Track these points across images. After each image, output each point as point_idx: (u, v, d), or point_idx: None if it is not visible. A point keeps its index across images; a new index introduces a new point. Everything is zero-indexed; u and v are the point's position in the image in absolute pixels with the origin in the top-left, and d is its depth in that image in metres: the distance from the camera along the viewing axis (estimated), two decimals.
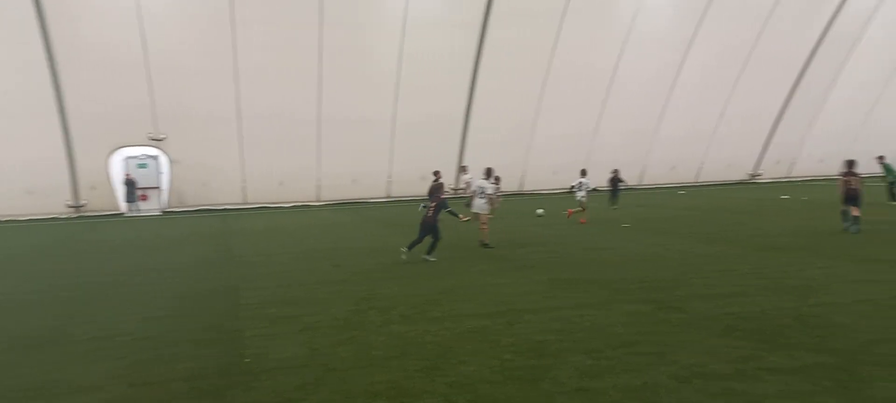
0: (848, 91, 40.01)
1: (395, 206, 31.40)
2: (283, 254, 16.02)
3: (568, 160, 36.98)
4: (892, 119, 41.65)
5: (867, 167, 39.16)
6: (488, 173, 16.98)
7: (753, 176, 41.74)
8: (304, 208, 32.26)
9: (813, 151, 41.88)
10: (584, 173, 22.35)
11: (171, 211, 31.45)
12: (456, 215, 14.58)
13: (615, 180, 27.34)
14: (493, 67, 33.23)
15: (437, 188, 15.08)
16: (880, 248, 13.53)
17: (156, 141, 30.87)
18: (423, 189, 35.16)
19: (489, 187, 16.31)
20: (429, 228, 14.09)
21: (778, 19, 36.01)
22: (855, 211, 16.51)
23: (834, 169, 43.37)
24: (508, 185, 36.46)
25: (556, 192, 34.53)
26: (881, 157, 24.66)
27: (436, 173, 23.22)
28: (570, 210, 21.92)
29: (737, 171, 41.33)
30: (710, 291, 9.95)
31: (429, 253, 14.00)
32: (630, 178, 38.87)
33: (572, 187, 22.10)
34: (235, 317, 9.42)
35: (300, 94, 31.62)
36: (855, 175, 17.11)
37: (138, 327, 9.05)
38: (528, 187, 36.50)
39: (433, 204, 14.30)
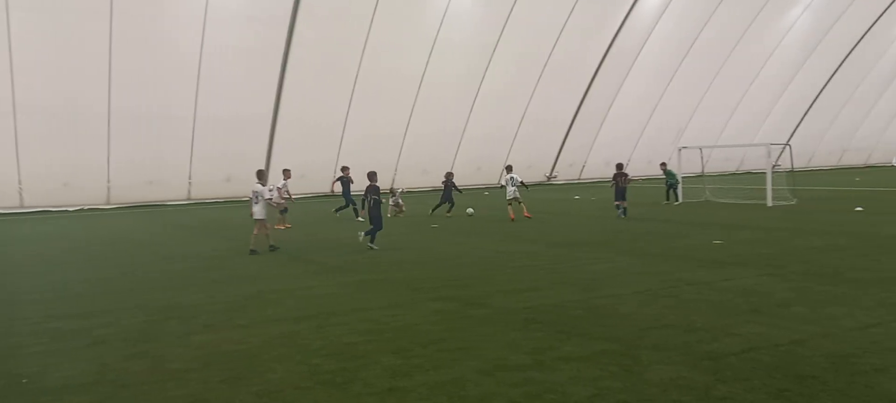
0: (628, 101, 44.07)
1: (197, 209, 29.84)
2: (69, 263, 14.62)
3: (379, 160, 37.26)
4: (665, 126, 46.43)
5: (648, 170, 43.34)
6: (260, 176, 16.41)
7: (550, 177, 44.65)
8: (93, 212, 29.67)
9: (600, 155, 45.62)
10: (509, 169, 22.54)
11: None
12: (380, 203, 15.56)
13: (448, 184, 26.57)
14: (302, 66, 32.68)
15: (372, 175, 15.70)
16: (655, 243, 15.03)
17: None
18: (227, 191, 33.81)
19: (266, 192, 15.95)
20: (373, 217, 15.35)
21: (570, 33, 38.81)
22: (623, 204, 21.11)
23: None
24: (320, 186, 36.13)
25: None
26: (664, 164, 27.80)
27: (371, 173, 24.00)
28: (512, 213, 21.34)
29: (536, 173, 43.95)
30: (511, 287, 10.49)
31: (371, 241, 15.23)
32: (441, 180, 40.08)
33: (502, 185, 22.30)
34: (11, 334, 8.44)
35: (88, 87, 29.01)
36: (624, 174, 21.64)
37: None
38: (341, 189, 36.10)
39: (373, 195, 15.46)
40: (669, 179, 26.85)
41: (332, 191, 27.18)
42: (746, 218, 19.95)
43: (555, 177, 44.68)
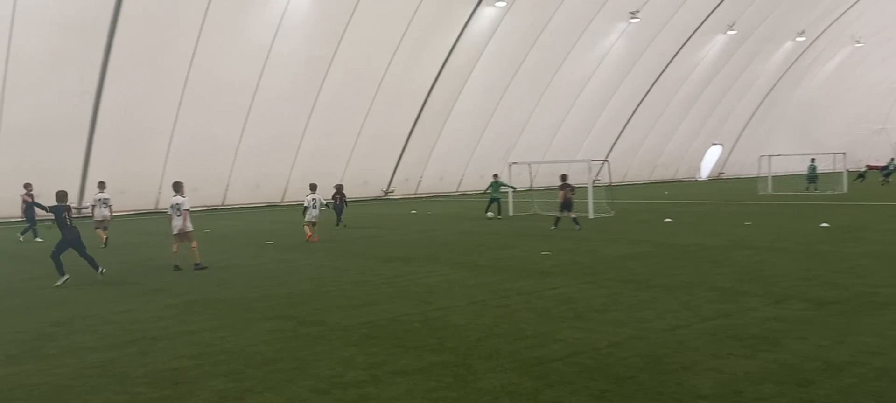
0: (461, 117, 45.37)
1: None
2: None
3: (208, 172, 35.72)
4: (496, 143, 48.29)
5: (480, 185, 44.64)
6: (177, 188, 15.45)
7: (387, 192, 44.91)
8: None
9: (435, 170, 46.58)
10: (313, 188, 20.92)
11: None
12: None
13: (339, 197, 25.22)
14: (123, 73, 30.66)
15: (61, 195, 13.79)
16: (486, 255, 15.55)
17: None
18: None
19: (186, 202, 15.04)
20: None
21: (405, 50, 39.32)
22: (571, 215, 21.13)
23: (452, 186, 48.83)
24: (143, 202, 34.23)
25: (197, 210, 32.95)
26: (495, 176, 27.77)
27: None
28: (308, 234, 19.93)
29: (372, 188, 44.05)
30: (347, 302, 10.41)
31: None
32: (276, 195, 39.07)
33: (305, 207, 20.48)
34: None
35: None
36: (569, 186, 21.39)
37: None
38: (166, 204, 33.89)
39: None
40: (494, 193, 26.49)
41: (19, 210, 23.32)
42: (570, 229, 21.12)
43: (391, 192, 45.01)
